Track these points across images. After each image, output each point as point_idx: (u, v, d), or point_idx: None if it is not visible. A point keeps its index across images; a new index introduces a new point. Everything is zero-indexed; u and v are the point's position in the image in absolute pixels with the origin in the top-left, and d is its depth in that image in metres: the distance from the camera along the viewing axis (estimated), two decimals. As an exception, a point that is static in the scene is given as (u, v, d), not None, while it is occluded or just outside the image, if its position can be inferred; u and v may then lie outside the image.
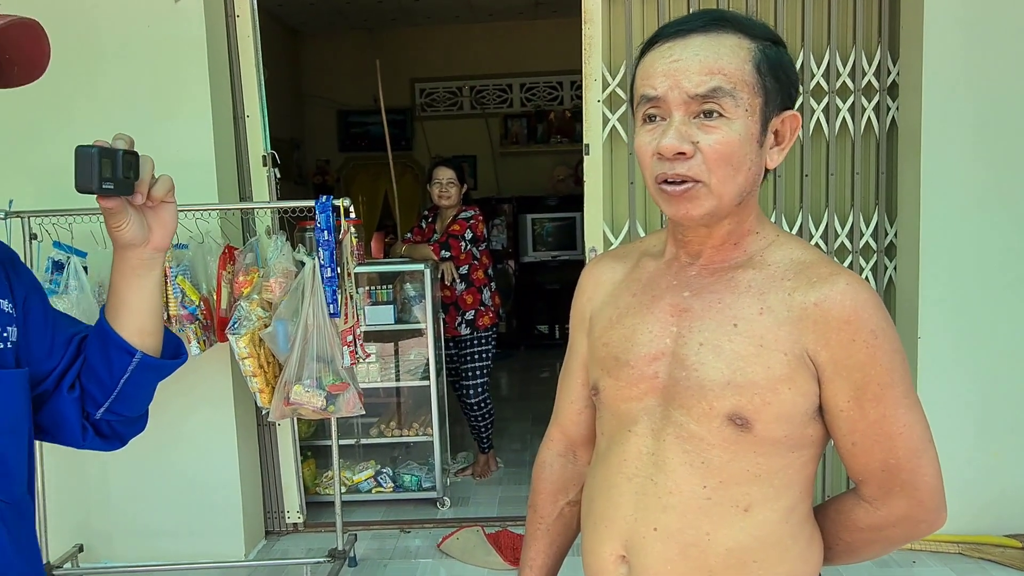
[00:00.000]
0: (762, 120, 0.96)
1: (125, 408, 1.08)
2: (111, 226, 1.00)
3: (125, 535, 3.09)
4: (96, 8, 2.91)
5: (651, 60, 0.97)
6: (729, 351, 0.96)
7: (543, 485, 1.24)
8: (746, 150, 0.95)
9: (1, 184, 2.87)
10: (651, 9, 3.14)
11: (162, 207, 1.03)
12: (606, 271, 1.16)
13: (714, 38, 0.95)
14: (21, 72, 0.99)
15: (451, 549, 3.15)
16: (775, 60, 0.97)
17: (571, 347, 1.21)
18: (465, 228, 3.80)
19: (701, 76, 0.93)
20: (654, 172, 0.97)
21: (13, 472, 0.97)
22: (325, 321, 2.65)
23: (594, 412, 1.16)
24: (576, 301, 1.20)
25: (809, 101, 3.11)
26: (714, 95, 0.93)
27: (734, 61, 0.94)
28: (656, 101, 0.95)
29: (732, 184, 0.95)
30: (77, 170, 0.92)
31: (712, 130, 0.93)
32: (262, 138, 3.18)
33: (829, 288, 0.95)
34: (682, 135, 0.93)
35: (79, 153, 0.92)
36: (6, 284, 1.01)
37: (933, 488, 0.99)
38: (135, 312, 1.05)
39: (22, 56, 0.98)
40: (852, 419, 0.96)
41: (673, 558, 0.99)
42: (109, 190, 0.94)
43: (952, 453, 3.02)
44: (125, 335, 1.05)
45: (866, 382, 0.94)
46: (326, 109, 6.96)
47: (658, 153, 0.95)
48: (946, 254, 2.99)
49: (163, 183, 1.02)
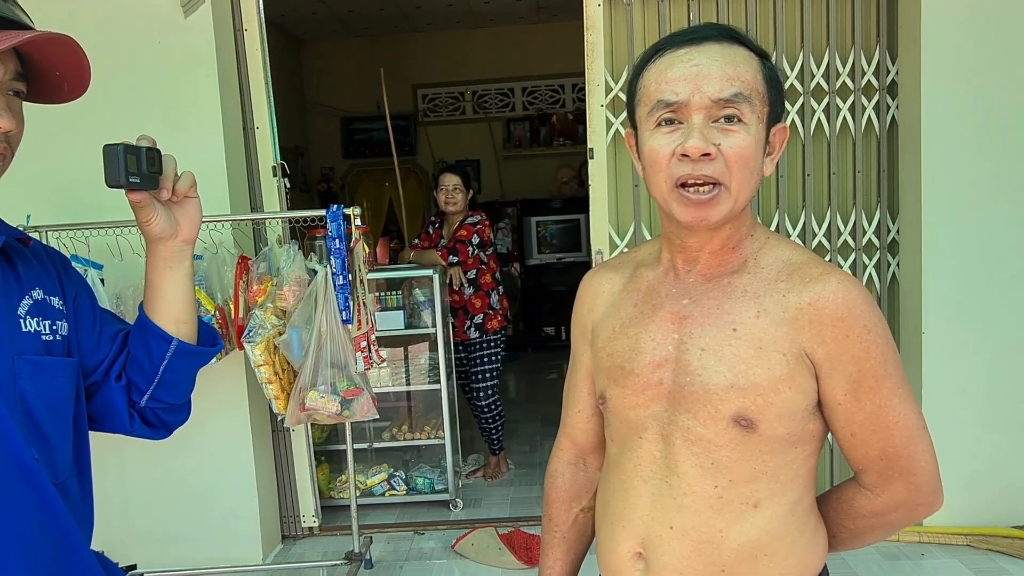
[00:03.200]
0: (767, 129, 1.01)
1: (167, 395, 1.17)
2: (141, 220, 1.09)
3: (143, 541, 3.14)
4: (107, 24, 2.96)
5: (666, 65, 0.99)
6: (730, 355, 0.99)
7: (556, 494, 1.27)
8: (758, 155, 1.00)
9: (19, 199, 2.90)
10: (652, 14, 3.18)
11: (187, 201, 1.13)
12: (604, 282, 1.18)
13: (728, 48, 0.99)
14: (70, 87, 1.08)
15: (465, 550, 3.20)
16: (773, 74, 1.02)
17: (574, 358, 1.23)
18: (472, 233, 3.84)
19: (723, 81, 0.96)
20: (674, 174, 0.98)
21: (58, 453, 1.05)
22: (338, 328, 2.70)
23: (601, 420, 1.19)
24: (576, 313, 1.22)
25: (810, 101, 3.16)
26: (735, 100, 0.96)
27: (749, 71, 0.98)
28: (675, 106, 0.97)
29: (748, 187, 0.99)
30: (106, 166, 1.00)
31: (732, 134, 0.97)
32: (272, 149, 3.23)
33: (822, 287, 0.99)
34: (706, 137, 0.96)
35: (107, 151, 1.00)
36: (58, 284, 1.11)
37: (930, 472, 1.04)
38: (169, 302, 1.15)
39: (70, 71, 1.06)
40: (850, 411, 1.00)
41: (688, 554, 1.03)
42: (136, 184, 1.03)
43: (958, 446, 3.07)
44: (161, 324, 1.14)
45: (861, 375, 0.98)
46: (329, 116, 7.01)
47: (682, 155, 0.97)
48: (948, 249, 3.03)
49: (186, 178, 1.11)
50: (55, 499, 1.02)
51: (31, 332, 1.03)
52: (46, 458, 1.02)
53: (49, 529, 1.02)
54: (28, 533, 1.00)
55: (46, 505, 1.01)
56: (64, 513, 1.03)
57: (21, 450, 0.98)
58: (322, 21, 6.28)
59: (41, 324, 1.05)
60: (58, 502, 1.02)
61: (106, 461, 3.07)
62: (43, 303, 1.06)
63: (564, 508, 1.26)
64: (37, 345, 1.03)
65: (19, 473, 0.98)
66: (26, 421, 1.00)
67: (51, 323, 1.06)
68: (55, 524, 1.02)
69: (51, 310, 1.07)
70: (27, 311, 1.04)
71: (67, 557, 1.04)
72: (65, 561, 1.04)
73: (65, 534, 1.04)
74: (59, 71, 1.04)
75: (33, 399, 1.01)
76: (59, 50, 1.02)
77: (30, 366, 1.01)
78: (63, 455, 1.06)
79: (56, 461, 1.04)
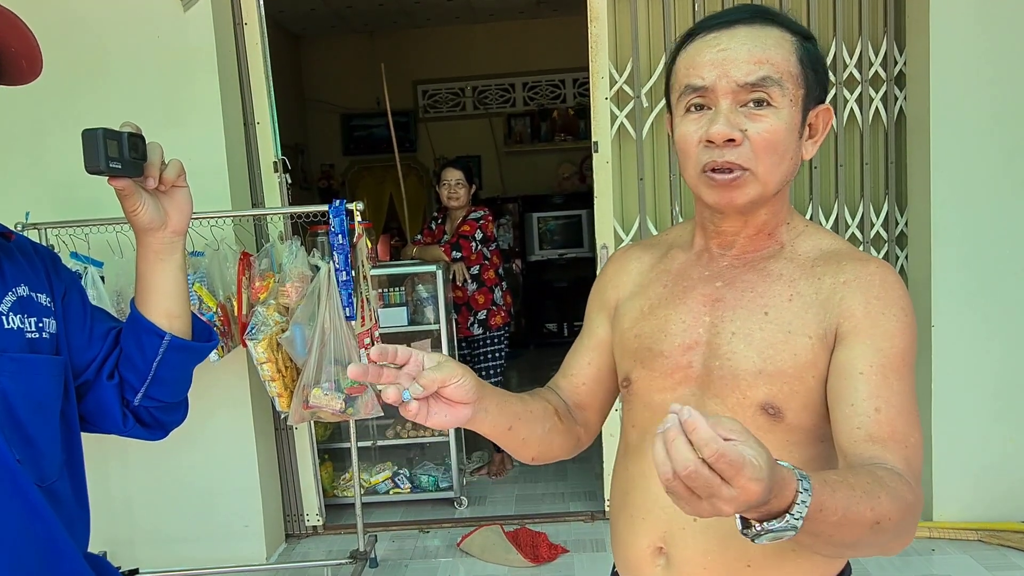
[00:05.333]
0: (803, 112, 0.98)
1: (161, 393, 1.13)
2: (127, 210, 1.06)
3: (147, 541, 3.11)
4: (106, 19, 2.93)
5: (695, 50, 0.98)
6: (759, 339, 0.97)
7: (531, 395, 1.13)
8: (789, 140, 0.97)
9: (18, 197, 2.89)
10: (656, 5, 3.15)
11: (175, 191, 1.09)
12: (632, 260, 1.16)
13: (759, 30, 0.96)
14: (29, 64, 1.02)
15: (471, 548, 3.17)
16: (813, 54, 0.99)
17: (587, 327, 1.18)
18: (475, 229, 3.81)
19: (750, 65, 0.94)
20: (700, 160, 0.97)
21: (45, 454, 1.02)
22: (341, 324, 2.67)
23: (593, 391, 1.14)
24: (599, 284, 1.19)
25: (816, 93, 3.12)
26: (763, 84, 0.94)
27: (780, 52, 0.95)
28: (703, 91, 0.96)
29: (777, 172, 0.97)
30: (85, 151, 0.96)
31: (760, 119, 0.94)
32: (272, 144, 3.19)
33: (862, 268, 0.97)
34: (731, 122, 0.94)
35: (85, 135, 0.96)
36: (46, 281, 1.08)
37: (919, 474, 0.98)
38: (161, 295, 1.11)
39: (22, 48, 1.00)
40: (875, 384, 0.91)
41: (712, 548, 1.00)
42: (117, 170, 0.99)
43: (969, 441, 3.04)
44: (153, 318, 1.11)
45: (893, 353, 0.93)
46: (329, 113, 6.97)
47: (707, 140, 0.95)
48: (958, 242, 3.00)
49: (173, 166, 1.07)
50: (40, 502, 0.99)
51: (14, 329, 1.00)
52: (31, 459, 0.99)
53: (34, 532, 0.99)
54: (11, 536, 0.97)
55: (30, 508, 0.98)
56: (50, 516, 1.00)
57: (2, 452, 0.95)
58: (321, 17, 6.24)
59: (25, 321, 1.02)
60: (43, 505, 0.99)
61: (109, 462, 3.04)
62: (28, 300, 1.03)
63: (531, 396, 1.12)
64: (20, 342, 1.00)
65: (1, 475, 0.96)
66: (8, 421, 0.97)
67: (37, 320, 1.03)
68: (40, 527, 0.99)
69: (37, 307, 1.04)
70: (10, 307, 1.01)
71: (53, 561, 1.01)
72: (51, 565, 1.01)
73: (51, 538, 1.01)
74: (13, 48, 0.99)
75: (15, 397, 0.98)
76: (4, 25, 0.97)
77: (12, 363, 0.98)
78: (50, 456, 1.03)
79: (42, 463, 1.01)
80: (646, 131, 3.14)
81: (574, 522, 3.41)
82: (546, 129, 6.96)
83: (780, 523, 0.71)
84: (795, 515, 0.71)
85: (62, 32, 2.91)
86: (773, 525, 0.70)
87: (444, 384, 0.87)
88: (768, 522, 0.71)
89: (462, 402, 0.90)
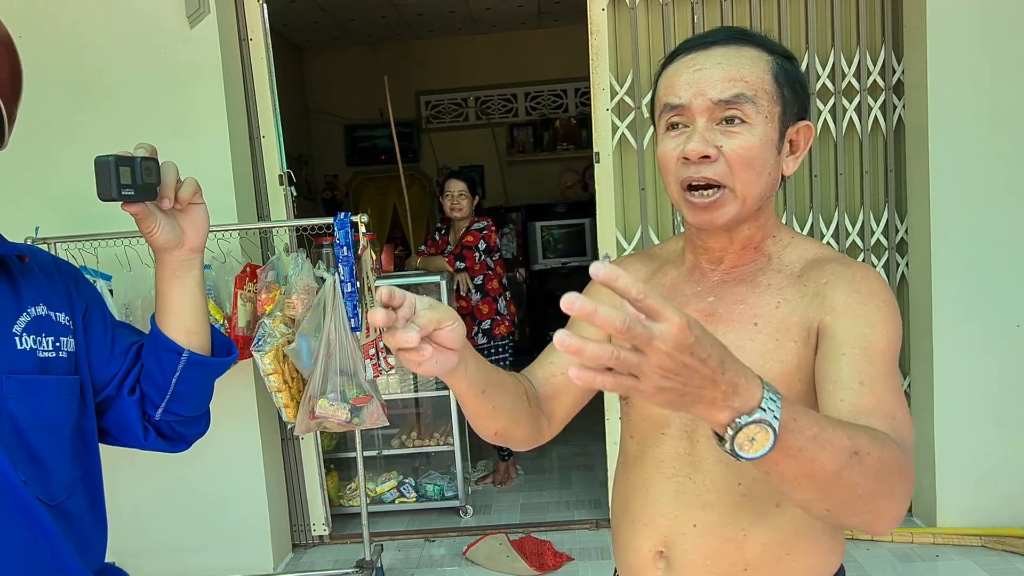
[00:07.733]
0: (780, 128, 1.01)
1: (182, 408, 1.14)
2: (144, 231, 1.06)
3: (155, 552, 3.13)
4: (113, 36, 2.97)
5: (674, 71, 1.02)
6: (751, 350, 0.99)
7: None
8: (766, 155, 0.99)
9: (27, 211, 2.93)
10: (656, 18, 3.18)
11: (192, 209, 1.09)
12: (629, 272, 1.16)
13: (735, 50, 1.00)
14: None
15: (476, 556, 3.18)
16: (791, 73, 1.02)
17: (573, 326, 1.09)
18: (479, 239, 3.84)
19: (724, 83, 0.97)
20: (679, 177, 1.00)
21: (52, 472, 1.02)
22: (347, 335, 2.70)
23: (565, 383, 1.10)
24: (593, 286, 1.15)
25: (816, 102, 3.15)
26: (736, 101, 0.97)
27: (755, 71, 0.98)
28: (680, 109, 0.99)
29: (755, 188, 0.99)
30: (98, 180, 0.96)
31: (735, 135, 0.97)
32: (278, 157, 3.23)
33: (844, 269, 1.00)
34: (706, 139, 0.97)
35: (97, 163, 0.97)
36: (66, 299, 1.09)
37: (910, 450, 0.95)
38: (179, 313, 1.12)
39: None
40: (858, 362, 0.91)
41: (712, 553, 1.02)
42: (130, 196, 0.99)
43: (971, 447, 3.05)
44: (172, 335, 1.12)
45: (876, 338, 0.93)
46: (332, 124, 7.02)
47: (683, 157, 0.98)
48: (958, 249, 3.02)
49: (189, 185, 1.07)
50: (47, 522, 0.99)
51: (26, 350, 1.00)
52: (38, 479, 0.99)
53: (39, 553, 0.99)
54: (16, 556, 0.97)
55: (37, 528, 0.99)
56: (57, 536, 1.00)
57: (8, 473, 0.96)
58: (324, 29, 6.29)
59: (40, 341, 1.02)
60: (51, 525, 1.00)
61: (117, 472, 3.06)
62: (45, 319, 1.04)
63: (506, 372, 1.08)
64: (32, 363, 1.01)
65: (5, 496, 0.96)
66: (15, 442, 0.97)
67: (54, 339, 1.04)
68: (47, 547, 1.00)
69: (55, 326, 1.05)
70: (24, 328, 1.01)
71: None
72: None
73: (58, 558, 1.01)
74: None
75: (23, 419, 0.98)
76: None
77: (20, 385, 0.98)
78: (60, 475, 1.03)
79: (51, 482, 1.01)
80: (647, 141, 3.17)
81: (579, 530, 3.43)
82: (548, 138, 7.00)
83: (752, 416, 0.67)
84: (766, 409, 0.68)
85: (70, 48, 2.95)
86: (743, 420, 0.67)
87: (439, 326, 0.84)
88: (739, 418, 0.67)
89: (452, 348, 0.87)
